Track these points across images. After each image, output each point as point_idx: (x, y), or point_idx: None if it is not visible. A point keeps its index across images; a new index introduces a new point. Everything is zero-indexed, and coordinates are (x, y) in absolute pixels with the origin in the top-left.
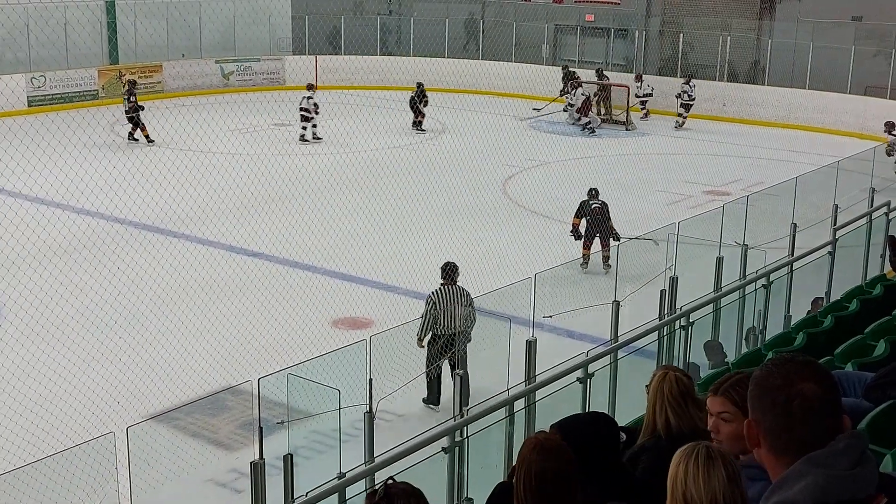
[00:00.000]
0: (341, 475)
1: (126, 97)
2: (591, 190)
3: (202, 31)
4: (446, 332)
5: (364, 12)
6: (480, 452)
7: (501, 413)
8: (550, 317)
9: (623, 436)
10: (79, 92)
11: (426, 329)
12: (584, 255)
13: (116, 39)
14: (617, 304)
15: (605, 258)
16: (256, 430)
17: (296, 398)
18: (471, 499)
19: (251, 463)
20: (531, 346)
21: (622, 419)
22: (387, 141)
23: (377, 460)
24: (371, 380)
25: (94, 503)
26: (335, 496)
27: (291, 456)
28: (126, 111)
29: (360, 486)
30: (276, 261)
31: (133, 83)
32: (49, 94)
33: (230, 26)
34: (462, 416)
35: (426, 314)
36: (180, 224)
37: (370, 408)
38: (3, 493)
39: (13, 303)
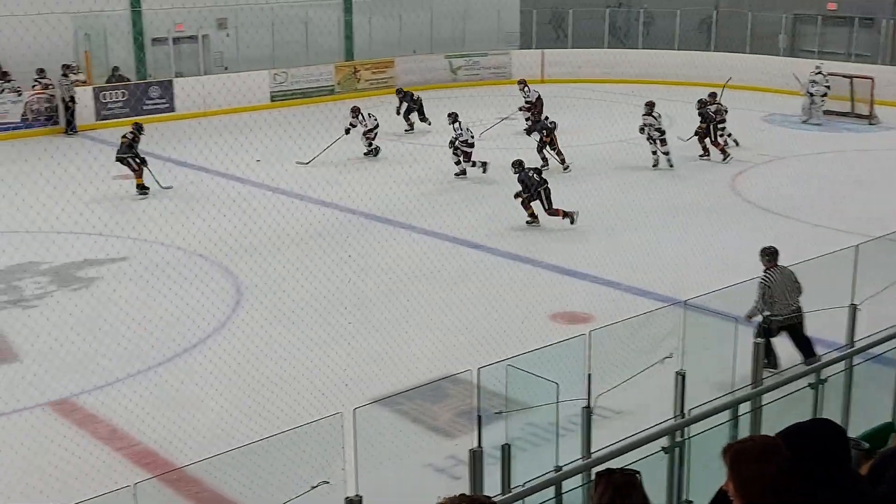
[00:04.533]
0: (558, 468)
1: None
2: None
3: (434, 26)
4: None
5: (593, 5)
6: (703, 454)
7: (725, 416)
8: (779, 318)
9: (865, 445)
10: (317, 87)
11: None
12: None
13: (352, 36)
14: (854, 308)
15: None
16: (475, 418)
17: (514, 389)
18: (690, 501)
19: (470, 450)
20: (759, 348)
21: (856, 429)
22: (611, 134)
23: (594, 456)
24: (590, 375)
25: (321, 480)
26: (551, 489)
27: (509, 446)
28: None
29: (577, 480)
30: (498, 253)
31: (139, 127)
32: (290, 90)
33: (461, 21)
34: (684, 416)
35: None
36: (408, 215)
37: (588, 403)
38: (239, 465)
39: (254, 286)
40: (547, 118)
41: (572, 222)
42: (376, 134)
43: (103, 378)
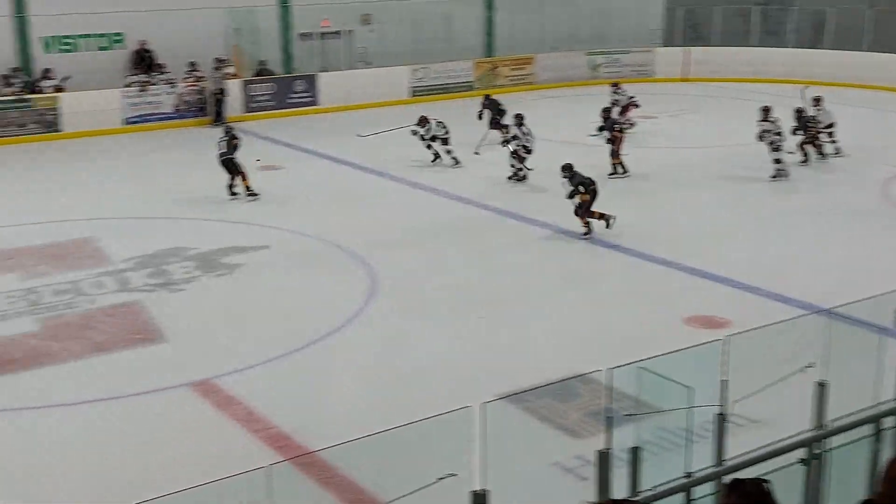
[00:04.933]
0: (688, 474)
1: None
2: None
3: (576, 24)
4: None
5: (741, 2)
6: (842, 468)
7: (867, 429)
8: None
9: None
10: (456, 83)
11: None
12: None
13: (493, 33)
14: None
15: (604, 219)
16: (605, 419)
17: (645, 392)
18: None
19: (597, 451)
20: None
21: None
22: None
23: (727, 464)
24: (726, 381)
25: (448, 472)
26: (681, 495)
27: (638, 449)
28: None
29: (707, 488)
30: (633, 254)
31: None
32: (430, 85)
33: (603, 18)
34: (823, 428)
35: None
36: (539, 212)
37: (723, 409)
38: (370, 453)
39: (388, 278)
40: (615, 120)
41: (585, 235)
42: (447, 140)
43: (243, 361)
